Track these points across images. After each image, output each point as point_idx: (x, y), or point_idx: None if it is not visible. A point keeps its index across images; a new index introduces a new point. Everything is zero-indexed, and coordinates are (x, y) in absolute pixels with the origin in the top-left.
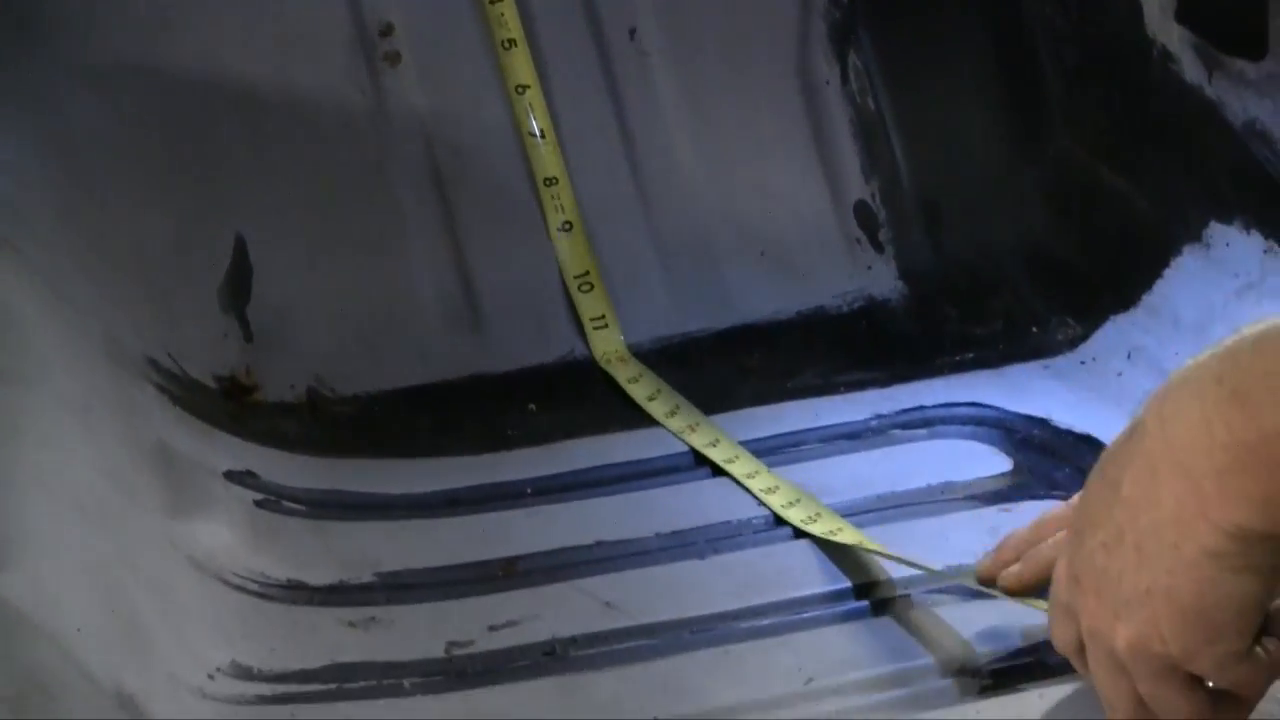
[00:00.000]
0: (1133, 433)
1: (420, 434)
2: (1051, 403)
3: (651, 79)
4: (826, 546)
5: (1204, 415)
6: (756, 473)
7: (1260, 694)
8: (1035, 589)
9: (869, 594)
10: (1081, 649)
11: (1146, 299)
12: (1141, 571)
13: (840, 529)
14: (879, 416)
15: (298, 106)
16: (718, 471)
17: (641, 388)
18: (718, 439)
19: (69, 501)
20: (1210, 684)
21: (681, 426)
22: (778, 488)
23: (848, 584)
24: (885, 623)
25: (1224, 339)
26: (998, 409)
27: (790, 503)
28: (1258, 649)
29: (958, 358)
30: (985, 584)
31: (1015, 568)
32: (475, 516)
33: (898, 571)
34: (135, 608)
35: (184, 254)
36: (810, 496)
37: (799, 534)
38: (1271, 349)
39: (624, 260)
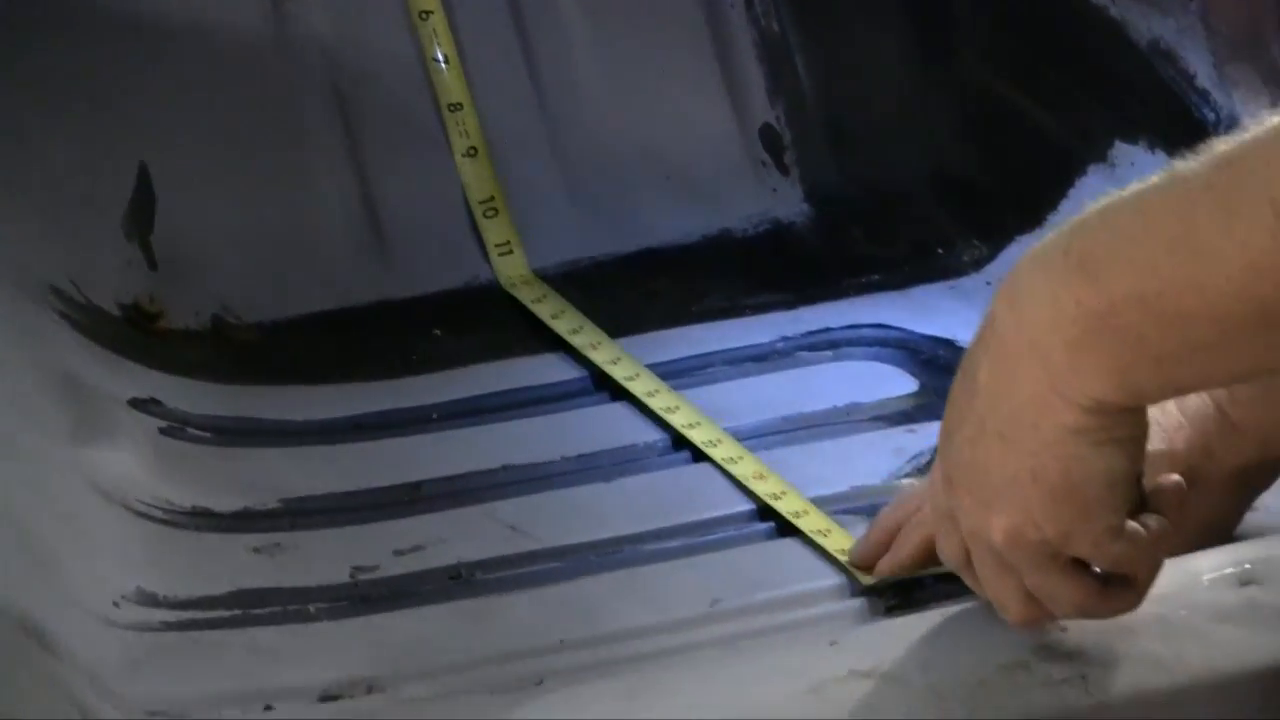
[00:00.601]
0: (986, 324)
1: (325, 360)
2: (957, 323)
3: (556, 4)
4: (728, 471)
5: (1052, 290)
6: (657, 391)
7: (1151, 574)
8: (915, 569)
9: (774, 516)
10: (968, 557)
11: (1052, 219)
12: (1007, 459)
13: (740, 456)
14: (785, 339)
15: (201, 34)
16: (620, 395)
17: (546, 307)
18: (619, 357)
19: None
20: (1096, 568)
21: (584, 344)
22: (678, 407)
23: (752, 506)
24: (791, 544)
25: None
26: (903, 330)
27: (691, 424)
28: (1137, 525)
29: (863, 279)
30: (861, 570)
31: (888, 557)
32: (381, 442)
33: (805, 492)
34: (40, 536)
35: (88, 182)
36: (710, 421)
37: (701, 457)
38: (1116, 218)
39: (529, 185)
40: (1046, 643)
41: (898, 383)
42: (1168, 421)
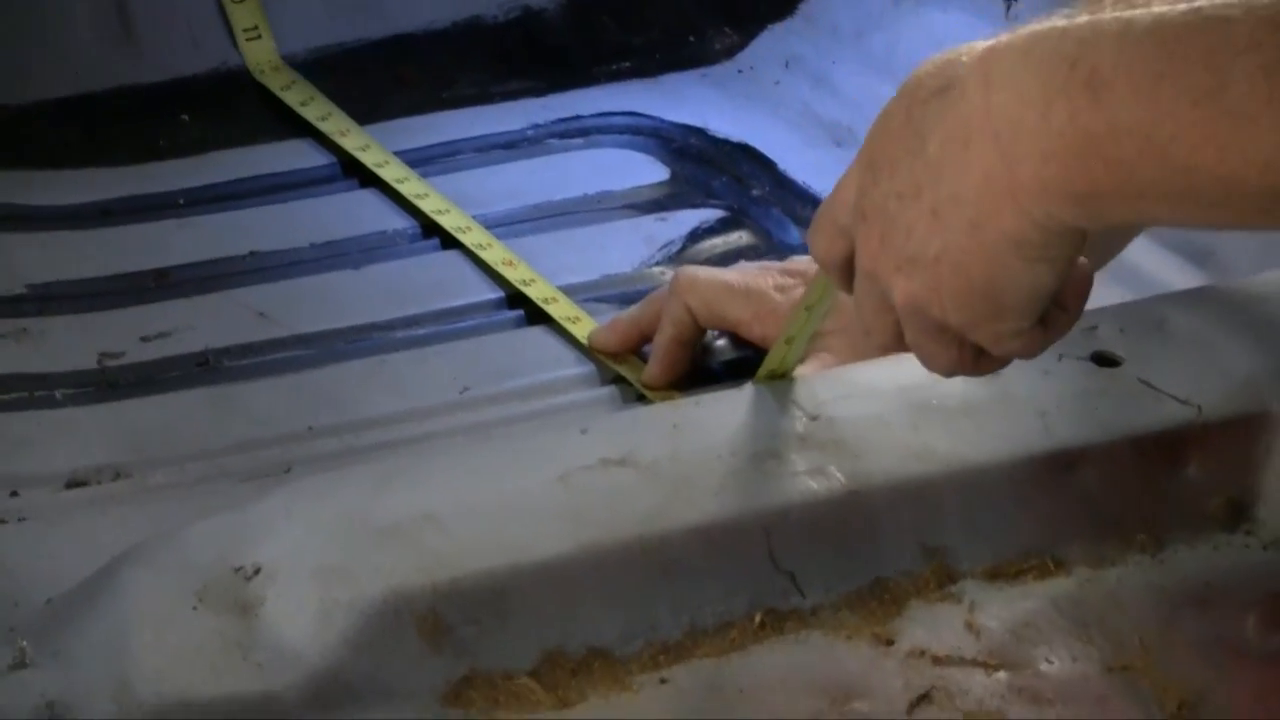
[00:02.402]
0: (949, 88)
1: (71, 145)
2: (708, 111)
3: None
4: (477, 258)
5: (1044, 94)
6: (406, 178)
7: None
8: (627, 348)
9: (524, 304)
10: (845, 270)
11: (804, 8)
12: (933, 237)
13: (490, 243)
14: (535, 126)
15: None
16: (369, 182)
17: (294, 94)
18: (368, 144)
19: None
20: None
21: (333, 130)
22: (428, 194)
23: (502, 294)
24: (540, 332)
25: (1061, 17)
26: (655, 118)
27: (440, 210)
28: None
29: (615, 67)
30: (599, 351)
31: (603, 328)
32: (127, 227)
33: (555, 281)
34: None
35: None
36: (458, 208)
37: (451, 244)
38: (1138, 45)
39: None
40: (799, 433)
41: (649, 170)
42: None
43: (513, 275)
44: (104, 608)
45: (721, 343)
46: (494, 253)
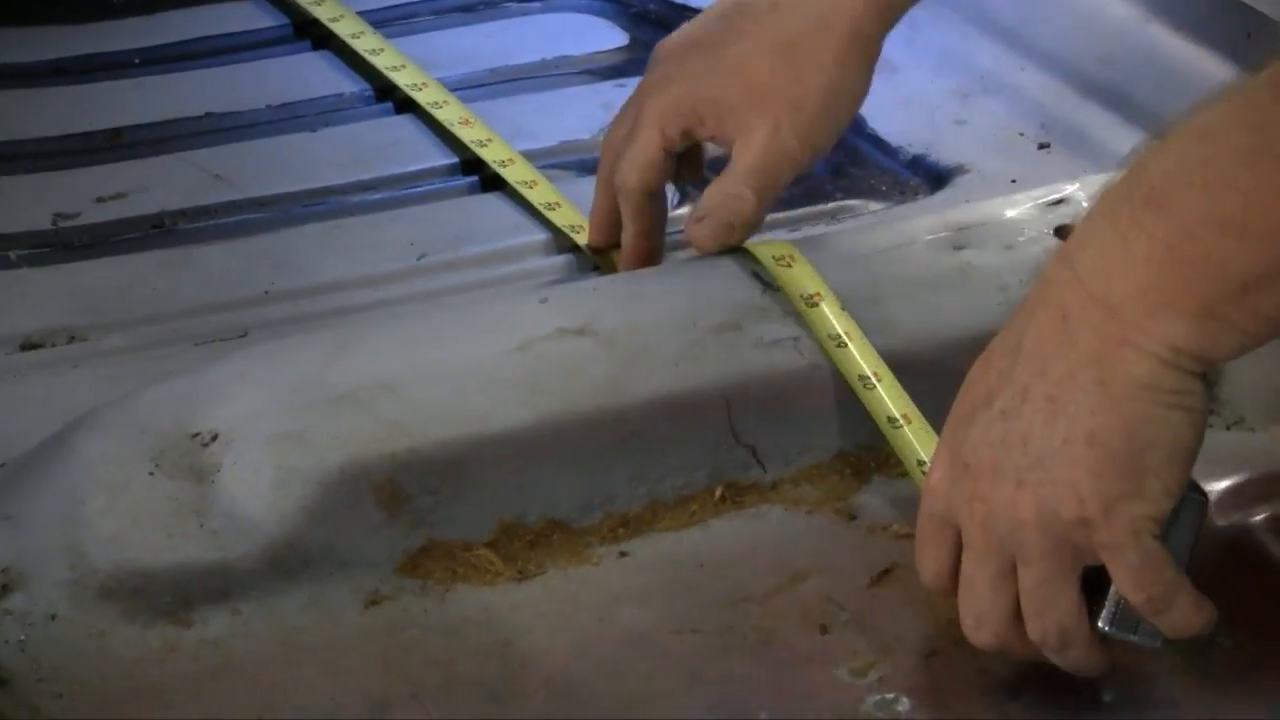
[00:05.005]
0: (1028, 299)
1: (24, 1)
2: None
3: None
4: (433, 121)
5: (1118, 232)
6: (361, 33)
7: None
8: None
9: (479, 169)
10: (953, 573)
11: None
12: (1056, 423)
13: (446, 101)
14: None
15: None
16: (323, 42)
17: None
18: (322, 1)
19: None
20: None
21: None
22: (382, 50)
23: (457, 159)
24: (496, 199)
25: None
26: None
27: (396, 67)
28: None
29: None
30: (596, 252)
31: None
32: (81, 86)
33: (529, 143)
34: None
35: None
36: (415, 66)
37: (406, 107)
38: (1178, 146)
39: None
40: (760, 305)
41: (607, 36)
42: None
43: (469, 135)
44: (59, 472)
45: None
46: (450, 111)
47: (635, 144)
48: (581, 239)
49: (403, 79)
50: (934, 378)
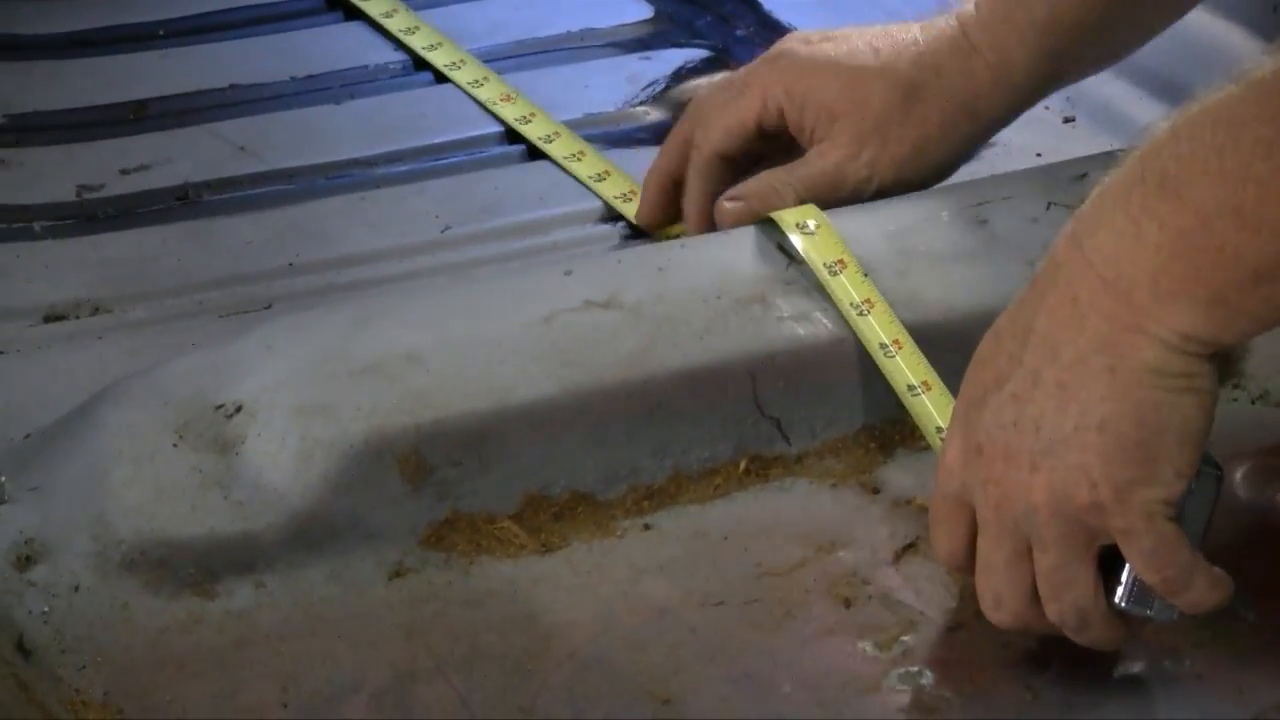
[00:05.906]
0: (1038, 278)
1: None
2: None
3: None
4: (471, 95)
5: (1130, 219)
6: (394, 11)
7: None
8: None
9: (522, 139)
10: (970, 552)
11: None
12: (1067, 409)
13: (486, 78)
14: None
15: None
16: (354, 15)
17: None
18: None
19: None
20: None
21: None
22: (417, 28)
23: (491, 130)
24: (528, 169)
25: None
26: None
27: (432, 45)
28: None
29: None
30: (650, 230)
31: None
32: (106, 58)
33: (556, 115)
34: None
35: None
36: (452, 43)
37: (439, 79)
38: (1192, 132)
39: None
40: (785, 278)
41: (632, 8)
42: (902, 35)
43: (510, 113)
44: (83, 444)
45: None
46: (490, 89)
47: (732, 106)
48: (632, 208)
49: (439, 59)
50: (959, 349)
